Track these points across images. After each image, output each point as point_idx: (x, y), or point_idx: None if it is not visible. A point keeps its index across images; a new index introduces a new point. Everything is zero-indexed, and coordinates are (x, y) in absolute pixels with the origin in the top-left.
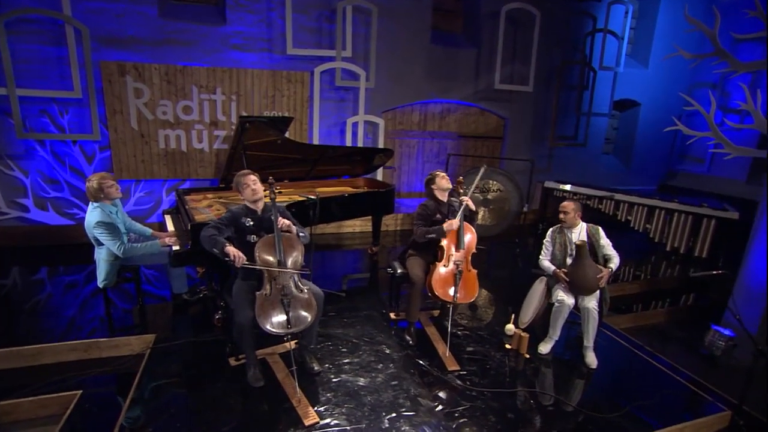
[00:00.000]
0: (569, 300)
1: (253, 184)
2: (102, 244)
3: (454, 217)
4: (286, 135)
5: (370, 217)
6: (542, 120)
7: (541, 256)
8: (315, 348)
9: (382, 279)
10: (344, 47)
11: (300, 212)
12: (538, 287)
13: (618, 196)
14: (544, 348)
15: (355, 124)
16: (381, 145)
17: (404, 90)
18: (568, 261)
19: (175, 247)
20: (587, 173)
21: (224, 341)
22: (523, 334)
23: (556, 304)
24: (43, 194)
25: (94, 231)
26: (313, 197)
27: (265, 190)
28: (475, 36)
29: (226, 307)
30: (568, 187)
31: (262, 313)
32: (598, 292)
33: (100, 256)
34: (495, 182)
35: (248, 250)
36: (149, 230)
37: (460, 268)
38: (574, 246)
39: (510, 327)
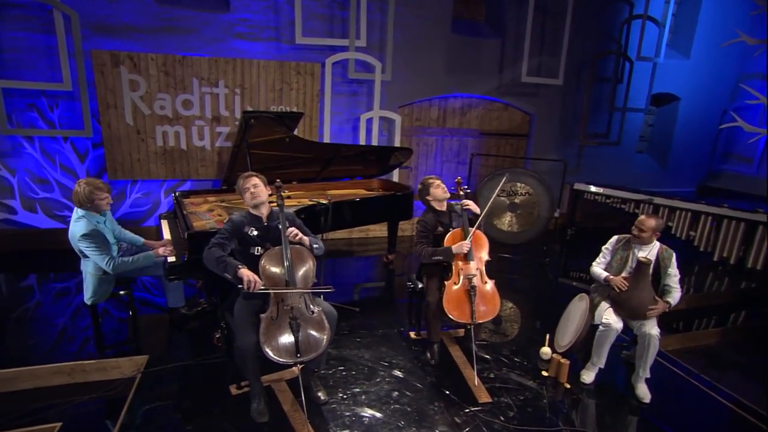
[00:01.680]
0: (617, 323)
1: (253, 188)
2: (89, 257)
3: (459, 226)
4: (295, 132)
5: (384, 222)
6: (572, 116)
7: (595, 263)
8: (322, 373)
9: (398, 289)
10: (358, 36)
11: (310, 218)
12: (578, 306)
13: (658, 200)
14: (588, 377)
15: (369, 121)
16: (397, 144)
17: (422, 83)
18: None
19: (171, 259)
20: (619, 174)
21: (225, 364)
22: (562, 360)
23: (602, 327)
24: (32, 195)
25: (80, 244)
26: (324, 201)
27: (271, 194)
28: (500, 24)
29: (226, 327)
30: (600, 189)
31: (267, 338)
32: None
33: (87, 270)
34: (523, 185)
35: (252, 264)
36: (141, 239)
37: (473, 283)
38: (635, 262)
39: (546, 351)
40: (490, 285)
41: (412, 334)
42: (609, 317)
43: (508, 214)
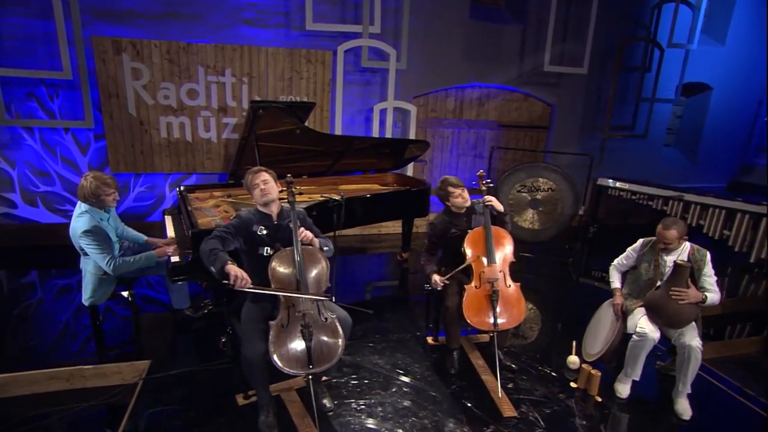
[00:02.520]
0: (653, 333)
1: (263, 184)
2: (89, 255)
3: (480, 225)
4: (306, 124)
5: (399, 219)
6: (595, 107)
7: (616, 262)
8: (333, 381)
9: (412, 288)
10: (372, 22)
11: (322, 215)
12: (608, 311)
13: (689, 197)
14: (623, 390)
15: (383, 112)
16: (412, 136)
17: (439, 72)
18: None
19: (174, 258)
20: (644, 168)
21: (231, 370)
22: (593, 371)
23: (636, 336)
24: (32, 188)
25: (81, 241)
26: (336, 198)
27: (281, 191)
28: (522, 10)
29: (232, 332)
30: (626, 185)
31: (277, 347)
32: (693, 324)
33: (87, 268)
34: (546, 180)
35: (261, 266)
36: (143, 237)
37: (495, 287)
38: (668, 267)
39: (574, 360)
40: (514, 289)
41: (430, 340)
42: (644, 326)
43: (529, 210)
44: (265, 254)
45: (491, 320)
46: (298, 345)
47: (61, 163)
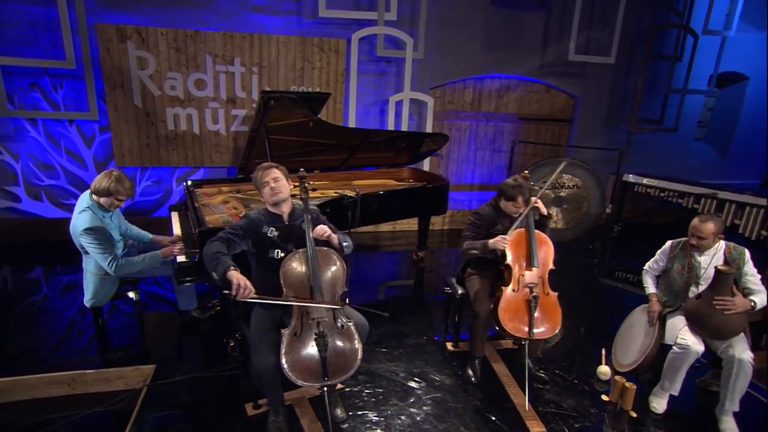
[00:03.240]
0: (697, 345)
1: (273, 182)
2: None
3: (522, 227)
4: (319, 116)
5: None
6: (621, 99)
7: (647, 267)
8: (346, 390)
9: (428, 288)
10: (388, 9)
11: (336, 213)
12: (641, 318)
13: (723, 195)
14: (659, 404)
15: (399, 103)
16: (428, 129)
17: (457, 62)
18: (692, 291)
19: (180, 258)
20: (671, 164)
21: (240, 377)
22: (627, 384)
23: (677, 348)
24: (36, 182)
25: (81, 239)
26: (351, 194)
27: (293, 186)
28: None
29: (242, 339)
30: (654, 181)
31: (289, 358)
32: (742, 335)
33: (88, 268)
34: (571, 177)
35: (272, 269)
36: (148, 235)
37: (534, 293)
38: (703, 269)
39: (605, 370)
40: (552, 297)
41: (449, 345)
42: (687, 337)
43: (552, 209)
44: (276, 257)
45: (527, 326)
46: (312, 355)
47: (65, 155)
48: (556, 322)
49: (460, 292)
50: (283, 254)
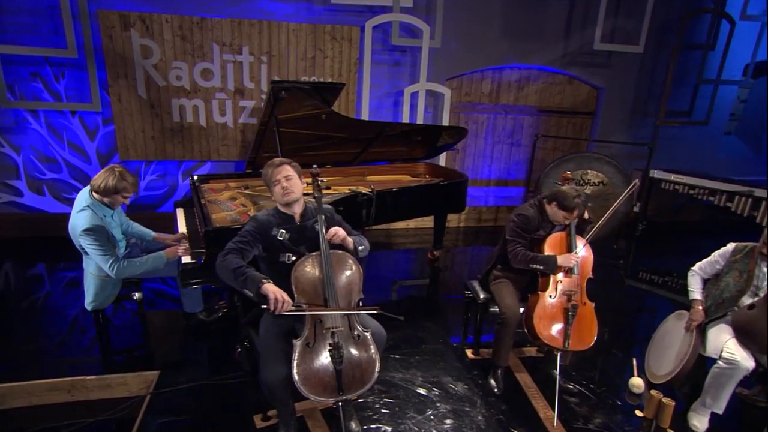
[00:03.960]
0: (747, 362)
1: (285, 180)
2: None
3: (562, 229)
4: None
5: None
6: (648, 90)
7: (696, 269)
8: (360, 401)
9: (443, 288)
10: None
11: (350, 211)
12: (678, 326)
13: (759, 192)
14: (700, 423)
15: (414, 95)
16: (445, 121)
17: (475, 51)
18: (746, 300)
19: (185, 259)
20: (699, 159)
21: (248, 385)
22: (664, 400)
23: (722, 363)
24: (38, 175)
25: (81, 240)
26: (365, 191)
27: (306, 185)
28: None
29: (250, 346)
30: (683, 177)
31: (301, 371)
32: None
33: (88, 269)
34: (597, 173)
35: (283, 275)
36: (151, 233)
37: (573, 301)
38: (766, 280)
39: (638, 383)
40: (589, 307)
41: (469, 353)
42: (734, 351)
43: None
44: (287, 261)
45: (563, 336)
46: (326, 368)
47: (68, 148)
48: (592, 333)
49: (482, 296)
50: (294, 258)
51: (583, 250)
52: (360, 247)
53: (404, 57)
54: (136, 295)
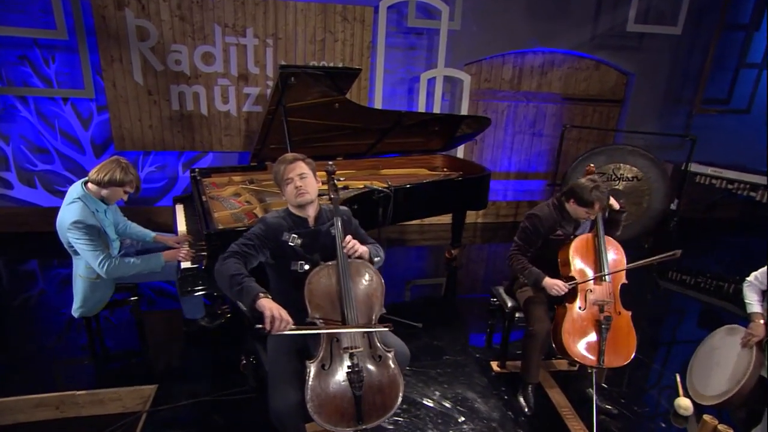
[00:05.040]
0: None
1: (299, 179)
2: (79, 254)
3: (589, 230)
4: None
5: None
6: (683, 76)
7: (752, 280)
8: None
9: (462, 290)
10: None
11: (364, 210)
12: (728, 342)
13: None
14: None
15: (431, 81)
16: (463, 110)
17: (496, 34)
18: None
19: (185, 264)
20: (735, 150)
21: (254, 402)
22: (721, 427)
23: None
24: (29, 167)
25: (69, 235)
26: (382, 187)
27: (323, 184)
28: None
29: (257, 362)
30: (722, 171)
31: (315, 396)
32: None
33: (77, 271)
34: (631, 167)
35: (293, 285)
36: (151, 234)
37: (606, 313)
38: None
39: (686, 405)
40: (625, 317)
41: (495, 365)
42: None
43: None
44: (299, 270)
45: (597, 353)
46: (343, 393)
47: (60, 138)
48: (630, 347)
49: (510, 305)
50: (307, 267)
51: (612, 253)
52: (376, 259)
53: (420, 40)
54: (133, 298)
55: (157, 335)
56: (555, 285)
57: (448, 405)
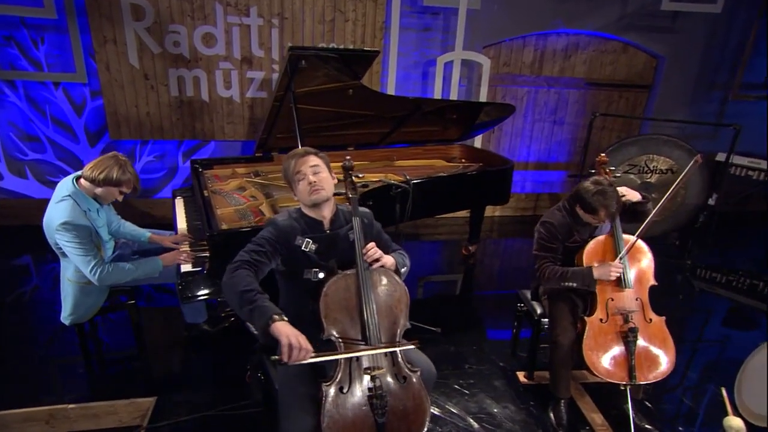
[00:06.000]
0: None
1: (312, 174)
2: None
3: (607, 231)
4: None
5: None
6: (718, 60)
7: None
8: None
9: (480, 289)
10: None
11: (380, 206)
12: None
13: None
14: None
15: (448, 66)
16: (482, 97)
17: (519, 15)
18: None
19: (185, 267)
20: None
21: (261, 418)
22: None
23: None
24: (20, 156)
25: (57, 236)
26: (399, 181)
27: (341, 180)
28: None
29: (265, 378)
30: (762, 162)
31: (332, 423)
32: None
33: (66, 274)
34: (665, 159)
35: (307, 295)
36: (146, 233)
37: (631, 324)
38: None
39: (737, 425)
40: (657, 324)
41: (521, 376)
42: None
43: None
44: (313, 279)
45: (627, 369)
46: (363, 420)
47: (52, 125)
48: (668, 356)
49: (539, 311)
50: (322, 275)
51: (621, 261)
52: (402, 269)
53: (436, 21)
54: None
55: (156, 341)
56: (610, 269)
57: (472, 421)
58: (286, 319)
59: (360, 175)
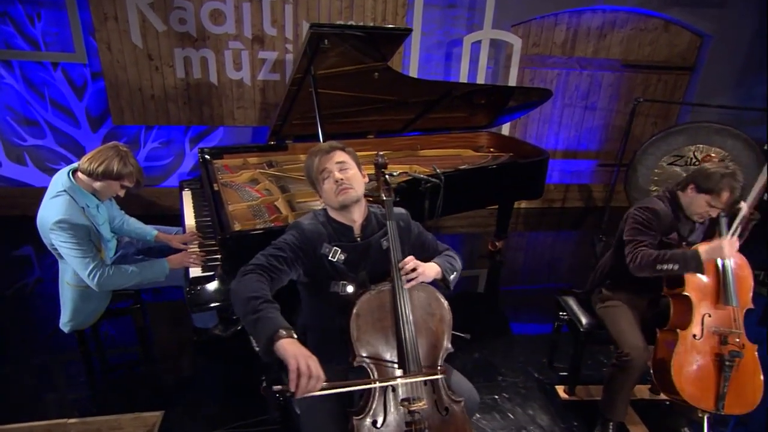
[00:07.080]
0: None
1: (339, 170)
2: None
3: (709, 237)
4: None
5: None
6: None
7: None
8: None
9: (506, 283)
10: None
11: (408, 202)
12: None
13: None
14: None
15: (476, 46)
16: (512, 80)
17: None
18: None
19: (194, 271)
20: None
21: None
22: None
23: None
24: (18, 141)
25: (52, 236)
26: (428, 175)
27: (371, 179)
28: None
29: (283, 400)
30: None
31: None
32: None
33: (65, 277)
34: (718, 150)
35: (333, 311)
36: (152, 231)
37: (731, 346)
38: None
39: None
40: (750, 351)
41: (561, 390)
42: None
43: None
44: (341, 292)
45: (715, 395)
46: None
47: (51, 108)
48: (756, 391)
49: (585, 322)
50: (351, 288)
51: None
52: (452, 276)
53: None
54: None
55: (163, 347)
56: (722, 245)
57: None
58: (295, 336)
59: (395, 173)
